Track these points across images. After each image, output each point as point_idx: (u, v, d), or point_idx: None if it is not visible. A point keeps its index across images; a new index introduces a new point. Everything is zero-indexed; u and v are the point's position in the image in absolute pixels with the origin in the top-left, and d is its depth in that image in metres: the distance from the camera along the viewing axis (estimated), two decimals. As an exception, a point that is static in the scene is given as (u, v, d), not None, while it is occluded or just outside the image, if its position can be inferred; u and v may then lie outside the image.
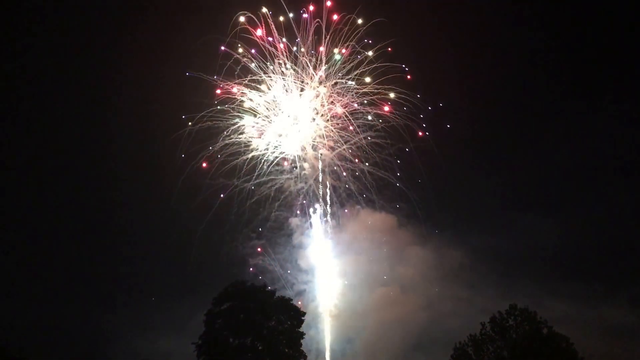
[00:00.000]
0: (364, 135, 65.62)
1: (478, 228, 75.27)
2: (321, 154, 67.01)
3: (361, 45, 63.42)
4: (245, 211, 65.57)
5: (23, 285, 66.48)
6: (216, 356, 42.81)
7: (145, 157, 72.41)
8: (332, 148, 66.69)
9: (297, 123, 66.30)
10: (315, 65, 64.26)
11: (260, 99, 64.78)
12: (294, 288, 66.17)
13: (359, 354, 64.97)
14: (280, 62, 63.94)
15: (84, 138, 76.11)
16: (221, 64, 62.64)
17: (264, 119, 65.54)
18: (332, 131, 66.27)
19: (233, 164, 64.43)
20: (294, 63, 64.16)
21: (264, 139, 65.39)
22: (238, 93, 64.14)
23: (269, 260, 66.05)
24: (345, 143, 66.25)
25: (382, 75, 63.78)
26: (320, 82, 65.08)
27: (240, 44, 62.96)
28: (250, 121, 65.22)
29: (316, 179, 66.87)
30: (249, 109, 65.30)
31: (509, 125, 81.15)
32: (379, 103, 64.78)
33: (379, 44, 63.35)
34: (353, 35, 63.26)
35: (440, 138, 67.28)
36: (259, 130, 65.42)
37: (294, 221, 67.56)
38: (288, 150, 66.50)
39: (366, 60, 63.64)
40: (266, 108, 65.10)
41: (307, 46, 63.71)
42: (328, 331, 64.71)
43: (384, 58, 63.43)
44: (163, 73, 70.31)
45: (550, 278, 67.75)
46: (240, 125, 65.04)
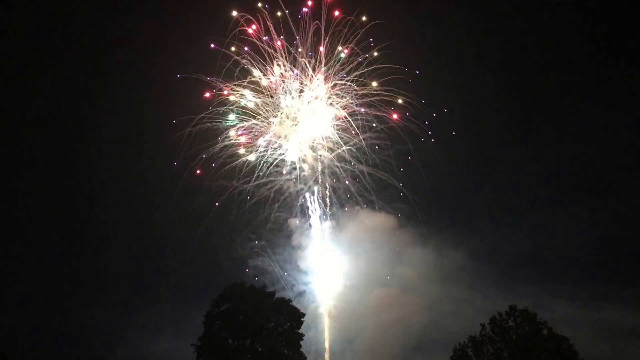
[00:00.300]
0: (364, 136, 65.58)
1: (478, 229, 75.46)
2: (320, 155, 67.00)
3: (361, 46, 63.50)
4: (244, 212, 65.62)
5: (22, 286, 66.85)
6: (215, 357, 42.77)
7: (145, 158, 72.67)
8: (332, 149, 66.70)
9: (297, 124, 66.27)
10: (314, 66, 64.31)
11: (258, 100, 64.65)
12: (294, 289, 66.03)
13: (359, 355, 64.93)
14: (279, 64, 63.89)
15: (84, 138, 76.69)
16: (220, 65, 62.30)
17: (263, 120, 65.54)
18: (332, 132, 66.30)
19: (232, 166, 64.51)
20: (293, 64, 64.21)
21: (259, 144, 65.27)
22: (227, 95, 63.48)
23: (269, 261, 66.00)
24: (345, 144, 66.26)
25: (382, 76, 63.85)
26: (319, 84, 65.05)
27: (236, 43, 62.13)
28: (248, 123, 65.13)
29: (316, 180, 66.88)
30: (249, 110, 65.32)
31: (509, 125, 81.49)
32: (384, 107, 64.60)
33: (379, 45, 63.50)
34: (353, 36, 63.34)
35: (440, 138, 67.27)
36: (258, 132, 65.38)
37: (294, 222, 67.58)
38: (288, 152, 66.49)
39: (365, 61, 63.71)
40: (265, 110, 65.08)
41: (306, 48, 63.67)
42: (328, 332, 64.64)
43: (384, 60, 63.54)
44: (155, 73, 70.62)
45: (550, 279, 67.85)
46: (239, 126, 65.02)
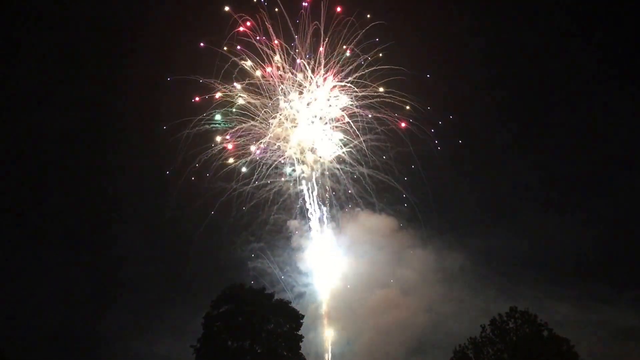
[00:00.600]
0: (364, 138, 65.53)
1: (478, 230, 75.14)
2: (320, 157, 66.91)
3: (361, 47, 63.46)
4: (243, 214, 65.56)
5: (21, 286, 66.59)
6: (214, 359, 42.60)
7: (145, 158, 72.61)
8: (331, 151, 66.60)
9: (296, 126, 66.21)
10: (313, 67, 64.27)
11: (256, 102, 64.60)
12: (294, 291, 65.97)
13: (359, 357, 64.62)
14: (278, 65, 63.86)
15: (83, 139, 76.61)
16: (218, 66, 62.56)
17: (262, 122, 65.49)
18: (332, 134, 66.23)
19: (231, 168, 64.47)
20: (292, 65, 64.17)
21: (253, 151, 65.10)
22: (220, 98, 63.41)
23: (268, 262, 65.91)
24: (344, 146, 66.20)
25: (383, 77, 63.85)
26: (318, 85, 65.04)
27: (232, 43, 62.09)
28: (247, 125, 65.07)
29: (315, 182, 66.79)
30: (248, 112, 65.26)
31: (509, 126, 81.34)
32: (384, 109, 64.47)
33: (379, 47, 63.50)
34: (353, 36, 63.33)
35: (441, 141, 67.22)
36: (256, 133, 65.31)
37: (293, 224, 67.50)
38: (287, 154, 66.49)
39: (366, 62, 63.70)
40: (264, 111, 65.04)
41: (305, 49, 63.64)
42: (327, 334, 64.55)
43: (384, 61, 63.53)
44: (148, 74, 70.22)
45: (550, 281, 67.40)
46: (238, 128, 64.97)
